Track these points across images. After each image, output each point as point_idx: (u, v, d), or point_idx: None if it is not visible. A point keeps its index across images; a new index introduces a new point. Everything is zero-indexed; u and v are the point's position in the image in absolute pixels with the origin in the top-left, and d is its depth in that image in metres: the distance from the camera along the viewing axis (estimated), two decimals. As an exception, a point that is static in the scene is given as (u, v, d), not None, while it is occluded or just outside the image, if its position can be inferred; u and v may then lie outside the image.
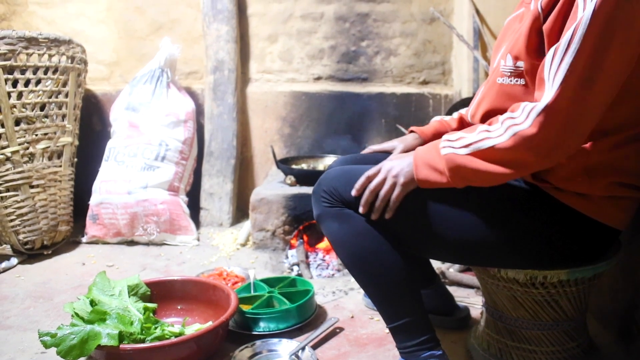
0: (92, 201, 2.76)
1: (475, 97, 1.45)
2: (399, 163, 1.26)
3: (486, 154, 1.13)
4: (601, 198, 1.20)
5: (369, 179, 1.27)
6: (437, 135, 1.58)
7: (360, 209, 1.28)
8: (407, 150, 1.56)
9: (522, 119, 1.08)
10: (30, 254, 2.56)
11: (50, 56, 2.53)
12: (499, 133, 1.12)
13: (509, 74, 1.24)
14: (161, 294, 1.85)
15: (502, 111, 1.21)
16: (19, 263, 2.50)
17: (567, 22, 1.08)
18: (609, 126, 1.16)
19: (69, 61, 2.62)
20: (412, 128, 1.65)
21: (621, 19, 1.02)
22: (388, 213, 1.26)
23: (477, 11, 2.77)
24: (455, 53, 3.12)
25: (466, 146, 1.16)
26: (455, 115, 1.65)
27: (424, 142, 1.59)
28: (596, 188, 1.19)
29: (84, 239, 2.80)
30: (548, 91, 1.06)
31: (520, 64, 1.20)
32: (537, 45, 1.17)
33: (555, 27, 1.11)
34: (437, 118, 1.68)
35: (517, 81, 1.23)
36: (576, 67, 1.03)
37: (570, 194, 1.21)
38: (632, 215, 1.27)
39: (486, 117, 1.32)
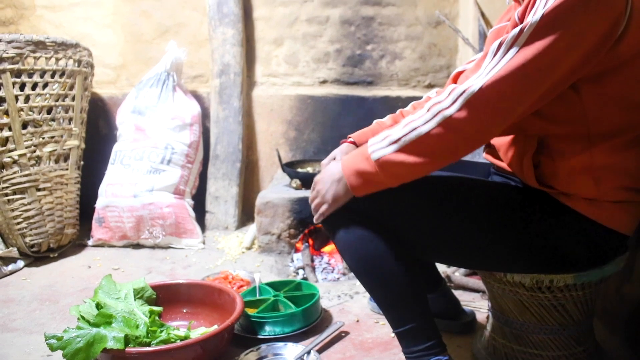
0: (98, 204, 2.77)
1: None
2: (327, 178, 1.29)
3: (415, 146, 1.13)
4: (609, 203, 1.20)
5: (312, 201, 1.34)
6: (367, 136, 1.59)
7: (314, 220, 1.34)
8: None
9: (449, 102, 1.08)
10: (37, 257, 2.57)
11: (58, 60, 2.55)
12: (425, 119, 1.11)
13: None
14: (167, 298, 1.85)
15: None
16: (26, 266, 2.50)
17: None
18: (613, 129, 1.16)
19: (76, 65, 2.64)
20: (350, 136, 1.61)
21: (570, 24, 1.02)
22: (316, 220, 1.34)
23: (483, 14, 2.77)
24: (460, 56, 3.12)
25: (395, 142, 1.15)
26: (397, 111, 1.64)
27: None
28: (603, 192, 1.18)
29: (90, 242, 2.81)
30: (480, 78, 1.06)
31: None
32: None
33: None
34: (376, 120, 1.66)
35: None
36: (514, 62, 1.04)
37: (577, 199, 1.20)
38: (639, 219, 1.27)
39: None
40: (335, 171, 1.27)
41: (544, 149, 1.21)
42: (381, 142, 1.17)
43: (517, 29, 1.05)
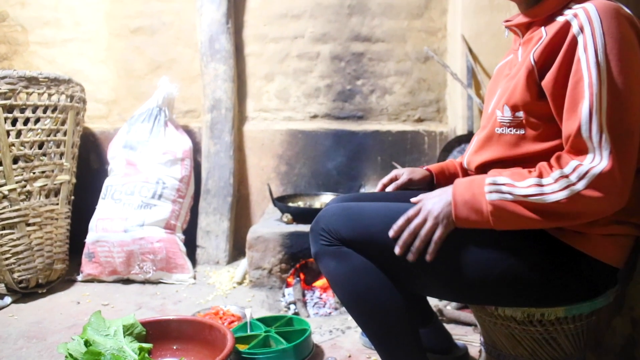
0: (89, 239, 2.75)
1: (470, 147, 1.46)
2: (439, 202, 1.24)
3: (536, 206, 1.14)
4: (600, 236, 1.21)
5: (409, 220, 1.26)
6: (443, 170, 1.62)
7: (397, 250, 1.25)
8: (414, 180, 1.60)
9: (575, 179, 1.10)
10: (25, 293, 2.54)
11: (50, 95, 2.56)
12: (552, 189, 1.12)
13: (508, 124, 1.26)
14: (157, 334, 1.83)
15: (505, 160, 1.27)
16: (13, 302, 2.47)
17: (572, 77, 1.12)
18: None
19: (68, 100, 2.65)
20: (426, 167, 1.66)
21: (633, 66, 1.08)
22: (430, 255, 1.23)
23: (470, 50, 2.82)
24: (449, 91, 3.16)
25: (515, 196, 1.15)
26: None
27: (431, 175, 1.63)
28: (595, 226, 1.20)
29: (79, 278, 2.78)
30: (598, 155, 1.09)
31: (520, 114, 1.24)
32: (537, 94, 1.20)
33: (557, 84, 1.15)
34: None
35: (517, 131, 1.26)
36: (617, 126, 1.07)
37: (569, 233, 1.21)
38: (629, 252, 1.28)
39: (486, 166, 1.34)
40: (446, 195, 1.25)
41: None
42: (500, 186, 1.17)
43: (590, 91, 1.08)
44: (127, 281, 2.76)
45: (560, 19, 1.17)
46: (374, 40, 3.16)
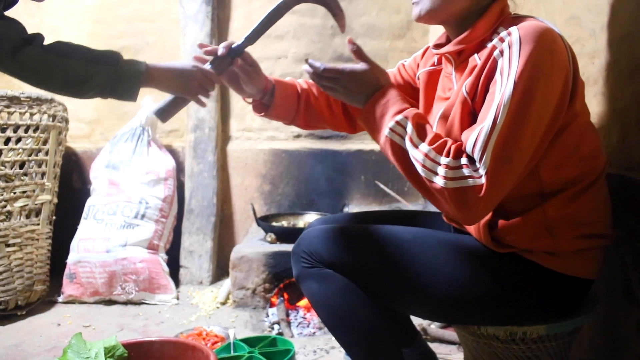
0: (70, 260, 2.72)
1: None
2: (360, 86, 1.27)
3: (411, 167, 1.16)
4: (569, 253, 1.22)
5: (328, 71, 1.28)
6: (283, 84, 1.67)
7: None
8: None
9: (453, 175, 1.10)
10: (3, 315, 2.50)
11: (32, 115, 2.55)
12: (433, 168, 1.12)
13: None
14: (139, 356, 1.80)
15: None
16: (-9, 324, 2.44)
17: (487, 98, 1.14)
18: (559, 185, 1.21)
19: (50, 119, 2.64)
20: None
21: (536, 96, 1.08)
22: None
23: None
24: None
25: (405, 148, 1.17)
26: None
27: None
28: (562, 244, 1.21)
29: (60, 299, 2.74)
30: (481, 170, 1.09)
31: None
32: (470, 124, 1.21)
33: (480, 103, 1.18)
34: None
35: None
36: (499, 150, 1.07)
37: (539, 253, 1.23)
38: (602, 262, 1.30)
39: None
40: (371, 89, 1.26)
41: (499, 211, 1.23)
42: (405, 131, 1.17)
43: (491, 114, 1.09)
44: (109, 302, 2.73)
45: (490, 44, 1.19)
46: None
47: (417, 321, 2.03)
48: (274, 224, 2.90)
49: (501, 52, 1.13)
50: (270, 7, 1.55)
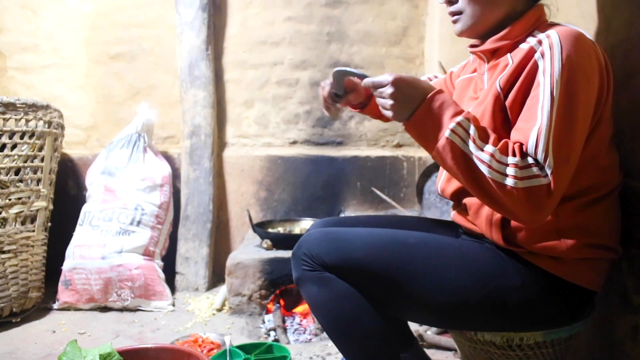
0: (65, 266, 2.71)
1: (441, 174, 1.49)
2: (410, 92, 1.20)
3: (475, 170, 1.13)
4: (575, 260, 1.23)
5: (376, 85, 1.23)
6: None
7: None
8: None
9: (522, 175, 1.10)
10: (-2, 322, 2.49)
11: (27, 121, 2.54)
12: (499, 169, 1.11)
13: None
14: (134, 363, 1.80)
15: None
16: (-14, 332, 2.42)
17: (530, 99, 1.15)
18: (574, 191, 1.22)
19: (46, 126, 2.63)
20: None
21: (580, 98, 1.12)
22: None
23: (448, 78, 2.87)
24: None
25: (468, 151, 1.14)
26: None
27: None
28: (569, 251, 1.22)
29: (55, 306, 2.73)
30: (546, 169, 1.10)
31: None
32: (502, 120, 1.24)
33: (516, 102, 1.20)
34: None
35: None
36: (559, 151, 1.10)
37: (544, 258, 1.24)
38: (606, 276, 1.30)
39: (461, 193, 1.37)
40: (421, 95, 1.19)
41: None
42: (466, 134, 1.14)
43: (546, 113, 1.10)
44: (105, 309, 2.72)
45: (525, 46, 1.21)
46: (353, 66, 3.20)
47: (413, 327, 2.03)
48: (270, 230, 2.90)
49: (542, 54, 1.15)
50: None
